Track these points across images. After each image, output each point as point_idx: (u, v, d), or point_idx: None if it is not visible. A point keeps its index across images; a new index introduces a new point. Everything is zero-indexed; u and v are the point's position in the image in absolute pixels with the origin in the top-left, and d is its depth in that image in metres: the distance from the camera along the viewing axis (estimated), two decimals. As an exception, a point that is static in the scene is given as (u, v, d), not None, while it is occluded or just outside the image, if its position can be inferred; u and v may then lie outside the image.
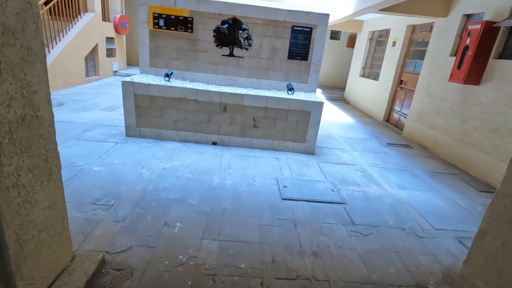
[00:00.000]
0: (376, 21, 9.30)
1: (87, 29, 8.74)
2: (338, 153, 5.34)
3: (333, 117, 8.35)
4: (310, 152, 5.07)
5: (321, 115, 4.85)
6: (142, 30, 5.03)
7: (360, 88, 10.08)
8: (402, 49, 7.57)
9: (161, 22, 4.98)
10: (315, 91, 5.49)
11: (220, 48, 5.18)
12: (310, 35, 5.11)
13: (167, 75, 4.94)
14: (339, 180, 4.12)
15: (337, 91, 12.80)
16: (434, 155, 5.81)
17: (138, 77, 4.99)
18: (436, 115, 5.90)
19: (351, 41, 12.66)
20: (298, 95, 5.01)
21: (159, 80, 4.89)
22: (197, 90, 4.66)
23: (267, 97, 4.71)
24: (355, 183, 4.11)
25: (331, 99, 11.30)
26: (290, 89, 5.05)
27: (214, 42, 5.13)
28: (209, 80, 5.37)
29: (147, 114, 4.78)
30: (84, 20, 8.72)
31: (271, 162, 4.54)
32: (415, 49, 7.31)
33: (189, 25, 5.02)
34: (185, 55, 5.21)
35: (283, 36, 5.12)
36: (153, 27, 5.00)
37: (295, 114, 4.81)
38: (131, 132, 4.87)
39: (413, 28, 7.37)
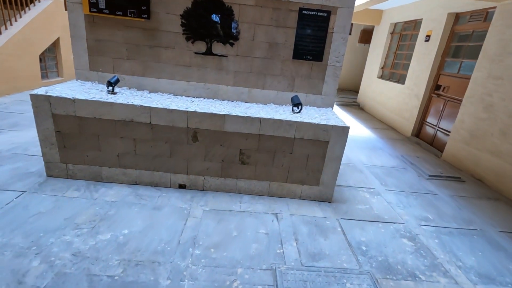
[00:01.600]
0: (400, 10, 7.54)
1: (42, 20, 7.04)
2: (366, 196, 3.65)
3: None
4: (327, 199, 3.38)
5: (345, 145, 3.15)
6: (73, 14, 3.33)
7: (378, 92, 8.34)
8: (439, 44, 5.83)
9: (102, 3, 3.28)
10: (332, 106, 3.79)
11: (193, 42, 3.48)
12: (327, 23, 3.40)
13: (110, 84, 3.26)
14: (380, 266, 2.44)
15: (348, 94, 11.06)
16: (499, 194, 4.11)
17: (67, 86, 3.30)
18: (501, 137, 4.19)
19: (365, 36, 10.90)
20: (309, 114, 3.32)
21: (98, 92, 3.20)
22: (151, 108, 2.97)
23: (260, 119, 3.01)
24: (408, 271, 2.42)
25: (342, 104, 9.57)
26: (297, 104, 3.35)
27: (183, 33, 3.43)
28: (178, 90, 3.69)
29: (76, 145, 3.10)
30: (38, 8, 7.01)
31: (267, 224, 2.85)
32: (458, 44, 5.56)
33: (144, 7, 3.31)
34: (141, 53, 3.52)
35: (286, 25, 3.41)
36: (90, 11, 3.30)
37: (304, 144, 3.12)
38: (53, 171, 3.20)
39: (457, 17, 5.62)
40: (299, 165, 3.22)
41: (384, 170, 4.57)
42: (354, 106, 9.58)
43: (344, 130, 3.05)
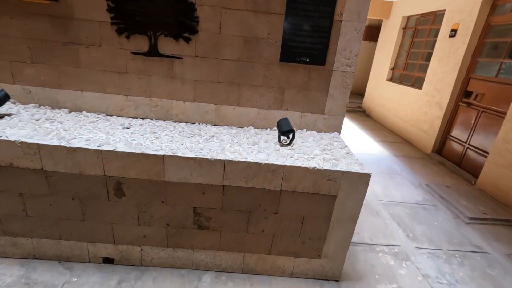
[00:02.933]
0: (415, 0, 6.35)
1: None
2: (390, 263, 2.47)
3: (353, 143, 5.46)
4: (333, 276, 2.20)
5: (363, 200, 1.96)
6: None
7: (388, 97, 7.15)
8: (470, 40, 4.64)
9: (-21, -24, 2.08)
10: (339, 130, 2.60)
11: (128, 37, 2.29)
12: (332, 6, 2.21)
13: (-7, 102, 2.07)
14: None
15: (351, 98, 9.87)
16: None
17: None
18: None
19: (371, 32, 9.72)
20: (305, 148, 2.13)
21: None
22: (39, 146, 1.77)
23: (224, 162, 1.82)
24: None
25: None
26: (286, 132, 2.16)
27: (113, 23, 2.24)
28: (112, 108, 2.50)
29: None
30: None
31: None
32: (496, 40, 4.39)
33: (46, -19, 2.12)
34: (52, 54, 2.32)
35: (269, 10, 2.22)
36: (-38, -12, 2.10)
37: (297, 199, 1.94)
38: None
39: (493, 6, 4.43)
40: (290, 230, 2.04)
41: (408, 210, 3.38)
42: (359, 112, 8.39)
43: (363, 178, 1.87)
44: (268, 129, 2.55)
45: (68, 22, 2.23)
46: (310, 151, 2.08)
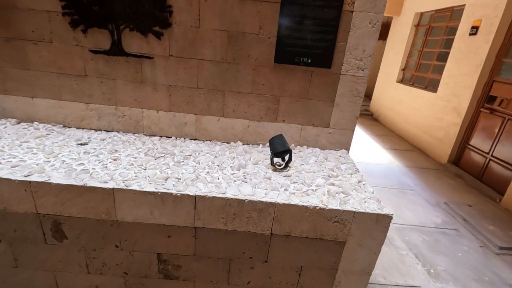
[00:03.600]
0: (429, -5, 5.82)
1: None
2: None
3: (359, 151, 4.97)
4: (338, 337, 1.73)
5: (380, 249, 1.48)
6: None
7: (397, 100, 6.63)
8: (494, 39, 4.12)
9: None
10: (348, 148, 2.12)
11: (84, 31, 1.83)
12: (341, -8, 1.74)
13: None
14: None
15: (357, 99, 9.33)
16: None
17: None
18: None
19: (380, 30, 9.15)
20: (304, 175, 1.67)
21: None
22: None
23: (195, 198, 1.36)
24: None
25: (351, 114, 7.85)
26: (281, 153, 1.70)
27: (65, 13, 1.79)
28: (70, 119, 2.05)
29: None
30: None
31: None
32: (526, 39, 3.86)
33: (-23, -40, 1.67)
34: (-7, 52, 1.88)
35: (261, -3, 1.75)
36: None
37: (293, 246, 1.47)
38: None
39: (523, 0, 3.90)
40: (284, 282, 1.57)
41: (427, 236, 2.90)
42: (366, 116, 7.88)
43: (381, 221, 1.39)
44: (261, 145, 2.08)
45: (8, 12, 1.79)
46: (310, 180, 1.61)
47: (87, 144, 1.85)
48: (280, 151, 1.68)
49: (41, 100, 2.00)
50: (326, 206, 1.37)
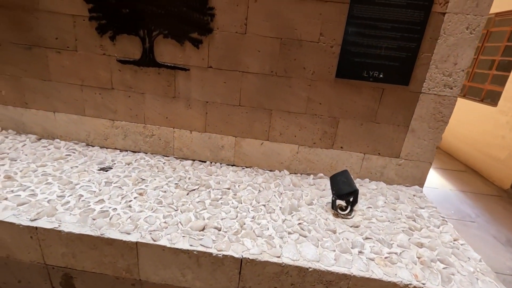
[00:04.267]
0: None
1: None
2: None
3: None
4: None
5: None
6: None
7: (444, 112, 5.95)
8: None
9: None
10: (422, 184, 1.70)
11: (113, 38, 1.57)
12: (430, -11, 1.34)
13: None
14: None
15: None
16: None
17: None
18: None
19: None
20: (377, 223, 1.28)
21: None
22: None
23: (241, 260, 1.02)
24: None
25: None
26: (345, 196, 1.32)
27: (92, 17, 1.54)
28: (93, 137, 1.80)
29: None
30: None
31: None
32: None
33: (-2, -43, 1.46)
34: (13, 61, 1.67)
35: (324, -4, 1.40)
36: None
37: (366, 326, 1.09)
38: None
39: None
40: None
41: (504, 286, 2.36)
42: (405, 127, 7.22)
43: (503, 311, 0.98)
44: (312, 176, 1.71)
45: (31, 16, 1.57)
46: (388, 235, 1.21)
47: (110, 168, 1.58)
48: (346, 192, 1.30)
49: (63, 115, 1.77)
50: (424, 284, 0.97)
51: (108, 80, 1.66)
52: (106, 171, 1.56)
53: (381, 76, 1.48)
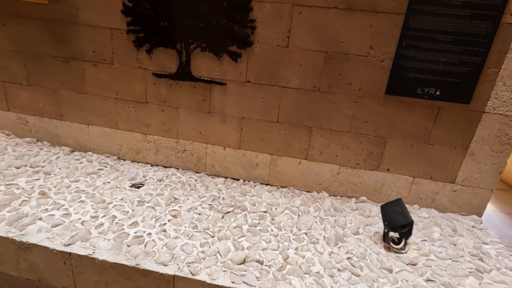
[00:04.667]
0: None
1: None
2: None
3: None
4: None
5: None
6: None
7: None
8: None
9: (-37, -32, 1.52)
10: (481, 214, 1.52)
11: (149, 52, 1.54)
12: (499, -3, 1.19)
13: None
14: None
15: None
16: None
17: None
18: None
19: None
20: (438, 260, 1.12)
21: None
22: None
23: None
24: None
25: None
26: (400, 228, 1.18)
27: (130, 30, 1.51)
28: (125, 150, 1.77)
29: None
30: None
31: None
32: None
33: (42, -28, 1.47)
34: (51, 73, 1.68)
35: (375, 6, 1.28)
36: None
37: None
38: None
39: None
40: None
41: None
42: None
43: None
44: (354, 199, 1.57)
45: (70, 29, 1.56)
46: (454, 277, 1.05)
47: (142, 185, 1.53)
48: (401, 224, 1.16)
49: (96, 128, 1.75)
50: None
51: (142, 94, 1.62)
52: (138, 188, 1.50)
53: (437, 93, 1.33)
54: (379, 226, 1.34)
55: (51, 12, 1.55)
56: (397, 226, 1.17)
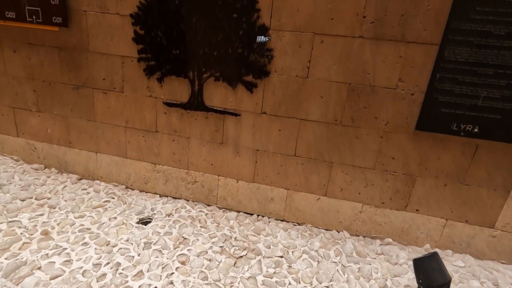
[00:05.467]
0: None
1: None
2: None
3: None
4: None
5: None
6: None
7: None
8: None
9: (-23, -5, 1.50)
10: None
11: (161, 80, 1.46)
12: (549, 27, 1.06)
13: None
14: None
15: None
16: None
17: None
18: None
19: None
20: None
21: None
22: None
23: None
24: None
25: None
26: (438, 286, 1.04)
27: (141, 58, 1.45)
28: (133, 179, 1.69)
29: None
30: None
31: None
32: None
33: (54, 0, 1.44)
34: (60, 100, 1.63)
35: (405, 36, 1.17)
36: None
37: None
38: None
39: None
40: None
41: None
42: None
43: None
44: (378, 241, 1.43)
45: (81, 56, 1.51)
46: None
47: (150, 221, 1.44)
48: (439, 284, 1.02)
49: (105, 156, 1.68)
50: None
51: (152, 123, 1.55)
52: (146, 224, 1.41)
53: (475, 130, 1.20)
54: (409, 277, 1.20)
55: (62, 39, 1.51)
56: (434, 286, 1.03)
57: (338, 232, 1.49)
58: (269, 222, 1.53)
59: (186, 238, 1.33)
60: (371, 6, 1.16)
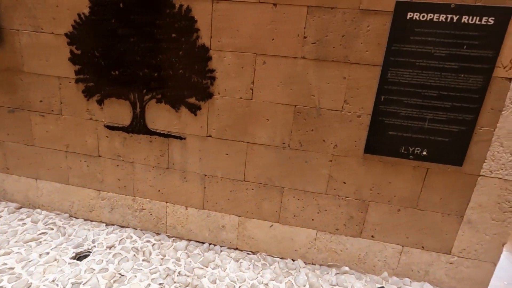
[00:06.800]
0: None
1: None
2: None
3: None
4: None
5: None
6: None
7: None
8: None
9: None
10: (485, 292, 1.29)
11: (101, 102, 1.37)
12: (494, 49, 1.03)
13: None
14: None
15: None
16: None
17: None
18: None
19: None
20: None
21: None
22: None
23: None
24: None
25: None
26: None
27: (79, 80, 1.35)
28: (77, 208, 1.56)
29: None
30: None
31: None
32: None
33: (-18, 18, 1.34)
34: (-3, 124, 1.52)
35: (348, 57, 1.12)
36: None
37: None
38: None
39: None
40: None
41: None
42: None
43: None
44: (334, 270, 1.35)
45: (15, 78, 1.41)
46: None
47: (87, 255, 1.31)
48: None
49: (46, 183, 1.55)
50: None
51: (95, 147, 1.44)
52: (81, 259, 1.29)
53: (424, 153, 1.15)
54: (362, 313, 1.12)
55: (-6, 59, 1.40)
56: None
57: (293, 261, 1.40)
58: (221, 251, 1.43)
59: (123, 275, 1.21)
60: (311, 27, 1.11)
